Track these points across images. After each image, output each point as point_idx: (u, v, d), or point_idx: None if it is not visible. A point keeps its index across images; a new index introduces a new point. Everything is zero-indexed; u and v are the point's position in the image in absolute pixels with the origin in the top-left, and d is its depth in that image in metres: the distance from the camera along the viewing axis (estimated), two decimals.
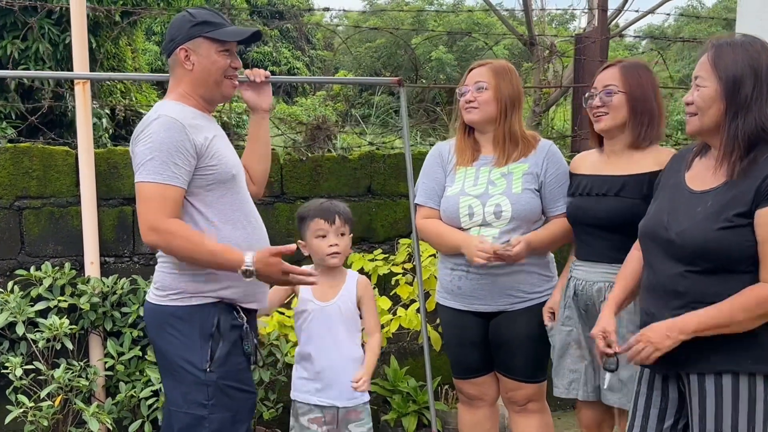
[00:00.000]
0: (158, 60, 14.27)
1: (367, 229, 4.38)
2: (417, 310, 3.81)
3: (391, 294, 4.04)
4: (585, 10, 8.25)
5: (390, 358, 4.37)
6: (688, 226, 2.13)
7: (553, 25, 17.35)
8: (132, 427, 3.59)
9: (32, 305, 3.66)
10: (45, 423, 3.45)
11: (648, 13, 7.64)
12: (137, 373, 3.73)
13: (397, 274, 4.02)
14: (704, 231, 2.09)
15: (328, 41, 20.46)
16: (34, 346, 3.60)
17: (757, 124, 2.07)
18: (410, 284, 3.98)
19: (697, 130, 2.20)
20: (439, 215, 3.03)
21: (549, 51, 7.30)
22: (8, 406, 3.47)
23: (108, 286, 3.78)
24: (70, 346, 3.62)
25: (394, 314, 3.91)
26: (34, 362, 3.57)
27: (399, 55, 16.45)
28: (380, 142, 5.35)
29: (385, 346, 4.10)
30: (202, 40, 2.49)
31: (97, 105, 5.28)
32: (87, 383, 3.58)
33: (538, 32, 8.04)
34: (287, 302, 3.14)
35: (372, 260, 4.12)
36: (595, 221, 2.76)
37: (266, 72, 2.85)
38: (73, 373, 3.56)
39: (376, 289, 4.05)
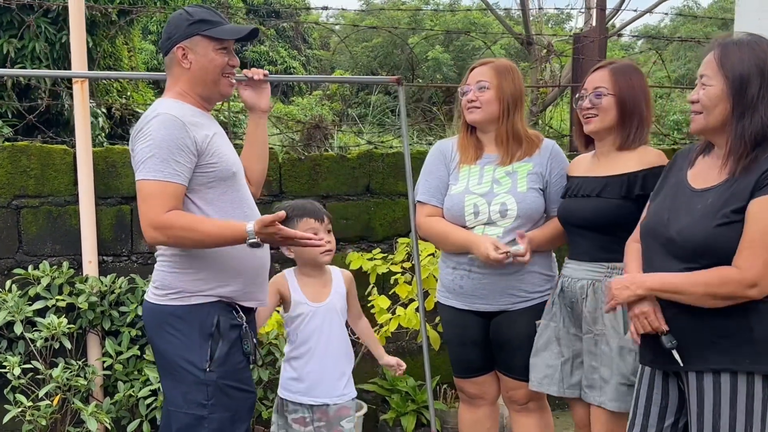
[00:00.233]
0: (154, 59, 14.25)
1: (365, 228, 4.37)
2: (416, 310, 3.81)
3: (390, 293, 4.04)
4: (582, 10, 8.26)
5: None
6: (687, 224, 2.14)
7: (549, 25, 17.36)
8: (130, 427, 3.58)
9: (30, 304, 3.65)
10: (43, 422, 3.44)
11: (646, 12, 7.66)
12: (135, 373, 3.72)
13: (396, 273, 4.02)
14: (704, 228, 2.10)
15: (324, 41, 20.45)
16: (32, 345, 3.59)
17: (763, 123, 2.08)
18: (409, 283, 3.98)
19: (702, 128, 2.20)
20: (442, 213, 3.03)
21: (546, 50, 7.30)
22: (6, 406, 3.46)
23: (106, 285, 3.77)
24: (68, 345, 3.61)
25: (393, 313, 3.91)
26: (33, 361, 3.56)
27: (395, 54, 16.45)
28: (378, 141, 5.34)
29: (384, 345, 4.10)
30: (199, 38, 2.48)
31: (94, 104, 5.26)
32: (85, 382, 3.57)
33: (535, 32, 8.05)
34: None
35: (371, 259, 4.12)
36: (581, 221, 2.79)
37: (264, 71, 2.84)
38: (72, 373, 3.56)
39: (375, 289, 4.06)
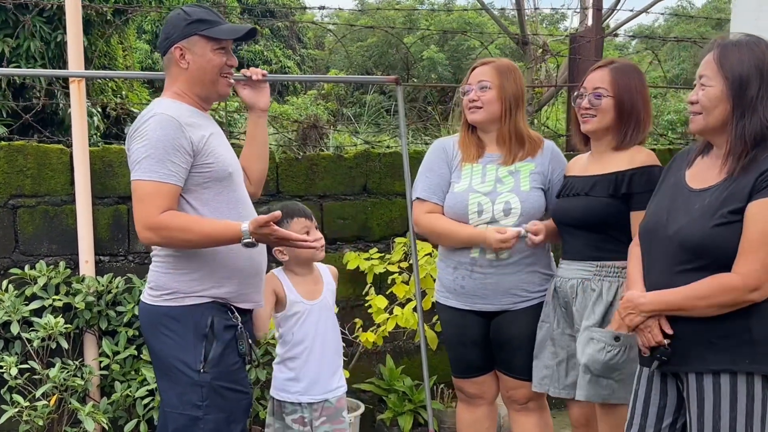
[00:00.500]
0: (149, 59, 14.22)
1: (362, 227, 4.37)
2: (413, 309, 3.81)
3: (387, 293, 4.04)
4: (577, 10, 8.28)
5: (386, 357, 4.37)
6: (685, 224, 2.14)
7: (544, 25, 17.38)
8: (127, 427, 3.57)
9: (27, 304, 3.64)
10: (40, 422, 3.43)
11: (641, 12, 7.68)
12: (132, 373, 3.71)
13: (394, 273, 4.02)
14: (701, 228, 2.10)
15: (318, 40, 20.41)
16: (28, 345, 3.58)
17: (762, 123, 2.08)
18: (406, 283, 3.98)
19: (701, 129, 2.21)
20: (442, 211, 3.02)
21: (542, 50, 7.31)
22: (3, 406, 3.45)
23: (103, 285, 3.76)
24: (65, 345, 3.60)
25: (391, 313, 3.91)
26: (29, 361, 3.55)
27: (390, 54, 16.43)
28: (375, 141, 5.34)
29: (380, 345, 4.11)
30: (197, 38, 2.48)
31: (89, 103, 5.24)
32: (82, 382, 3.56)
33: (530, 32, 8.06)
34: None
35: (368, 259, 4.12)
36: (571, 220, 2.80)
37: (263, 71, 2.83)
38: (69, 373, 3.55)
39: (372, 288, 4.06)
